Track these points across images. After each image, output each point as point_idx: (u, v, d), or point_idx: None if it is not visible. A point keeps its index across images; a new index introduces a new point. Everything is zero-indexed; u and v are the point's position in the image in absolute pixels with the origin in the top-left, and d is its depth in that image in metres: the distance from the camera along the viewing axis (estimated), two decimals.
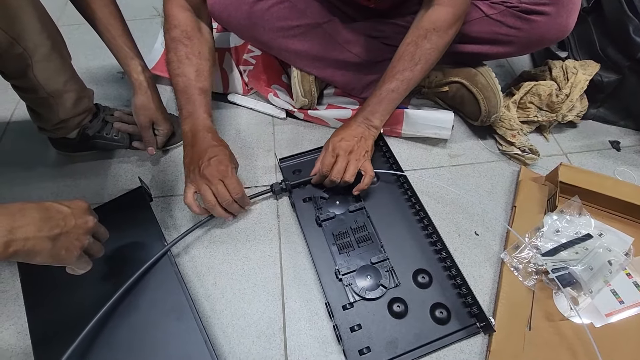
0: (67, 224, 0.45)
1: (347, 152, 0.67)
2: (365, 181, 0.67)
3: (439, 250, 0.65)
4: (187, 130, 0.66)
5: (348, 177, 0.66)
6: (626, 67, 0.79)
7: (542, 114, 0.81)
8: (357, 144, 0.67)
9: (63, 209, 0.45)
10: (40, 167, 0.80)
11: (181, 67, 0.67)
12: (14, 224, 0.39)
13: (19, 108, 0.91)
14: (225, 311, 0.62)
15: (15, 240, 0.39)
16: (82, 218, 0.47)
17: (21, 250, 0.40)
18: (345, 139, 0.68)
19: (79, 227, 0.46)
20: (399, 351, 0.56)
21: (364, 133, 0.69)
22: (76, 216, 0.46)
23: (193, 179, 0.62)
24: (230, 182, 0.62)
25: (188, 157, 0.64)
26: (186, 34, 0.68)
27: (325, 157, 0.68)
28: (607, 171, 0.80)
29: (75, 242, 0.46)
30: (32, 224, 0.41)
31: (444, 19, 0.63)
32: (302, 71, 0.80)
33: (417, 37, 0.65)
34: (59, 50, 0.62)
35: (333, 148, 0.67)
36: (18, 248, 0.39)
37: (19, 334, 0.60)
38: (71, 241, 0.45)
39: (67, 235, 0.45)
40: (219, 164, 0.62)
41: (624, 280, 0.63)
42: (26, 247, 0.40)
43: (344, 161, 0.66)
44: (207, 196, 0.61)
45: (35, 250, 0.41)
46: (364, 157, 0.67)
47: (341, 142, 0.67)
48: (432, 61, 0.66)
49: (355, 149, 0.67)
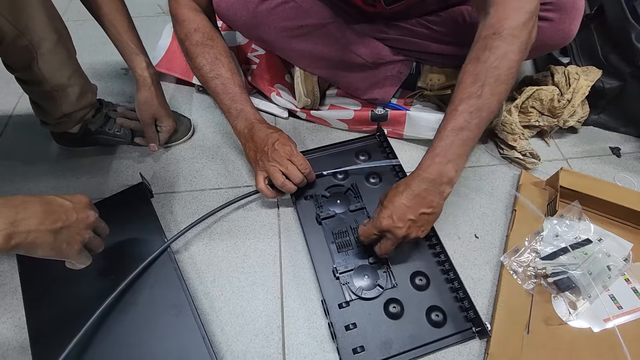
0: (69, 218, 0.45)
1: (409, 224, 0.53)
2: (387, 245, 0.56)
3: (437, 254, 0.65)
4: (243, 127, 0.68)
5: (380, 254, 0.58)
6: (628, 73, 0.79)
7: (543, 118, 0.82)
8: (421, 215, 0.53)
9: (65, 203, 0.46)
10: (42, 162, 0.80)
11: (215, 70, 0.68)
12: (17, 217, 0.40)
13: (21, 102, 0.91)
14: (224, 309, 0.62)
15: (17, 233, 0.39)
16: (84, 212, 0.47)
17: (23, 242, 0.40)
18: (410, 212, 0.53)
19: (80, 222, 0.46)
20: (393, 352, 0.56)
21: (432, 203, 0.53)
22: (78, 210, 0.46)
23: (262, 166, 0.65)
24: (297, 159, 0.65)
25: (252, 150, 0.67)
26: (208, 35, 0.68)
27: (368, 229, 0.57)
28: (607, 177, 0.81)
29: (76, 237, 0.46)
30: (35, 217, 0.41)
31: (506, 18, 0.50)
32: (305, 71, 0.80)
33: (478, 51, 0.51)
34: (65, 43, 0.62)
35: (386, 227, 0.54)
36: (20, 241, 0.40)
37: (16, 328, 0.60)
38: (72, 235, 0.45)
39: (69, 229, 0.45)
40: (284, 146, 0.65)
41: (622, 285, 0.63)
42: (28, 240, 0.40)
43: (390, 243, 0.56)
44: (278, 176, 0.64)
45: (37, 243, 0.41)
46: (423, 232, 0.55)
47: (397, 222, 0.53)
48: (503, 77, 0.50)
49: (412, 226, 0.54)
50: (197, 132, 0.86)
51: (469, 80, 0.52)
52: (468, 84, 0.52)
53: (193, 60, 0.69)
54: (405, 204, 0.53)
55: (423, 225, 0.55)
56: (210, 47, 0.68)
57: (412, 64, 0.84)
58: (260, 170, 0.66)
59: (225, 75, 0.68)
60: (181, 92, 0.94)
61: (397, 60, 0.82)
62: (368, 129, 0.84)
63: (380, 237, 0.57)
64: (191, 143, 0.85)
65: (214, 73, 0.68)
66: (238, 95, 0.68)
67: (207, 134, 0.86)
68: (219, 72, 0.68)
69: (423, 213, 0.53)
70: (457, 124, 0.52)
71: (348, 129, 0.86)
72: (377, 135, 0.82)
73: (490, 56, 0.50)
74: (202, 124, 0.88)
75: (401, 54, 0.82)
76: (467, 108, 0.51)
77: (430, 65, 0.84)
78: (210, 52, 0.68)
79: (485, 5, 0.52)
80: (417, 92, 0.86)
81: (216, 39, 0.69)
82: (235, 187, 0.77)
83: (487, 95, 0.51)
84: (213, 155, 0.82)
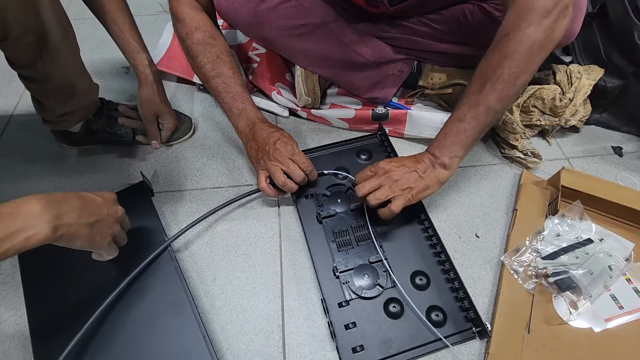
0: (101, 212, 0.49)
1: (388, 176, 0.60)
2: (383, 211, 0.60)
3: (438, 253, 0.64)
4: (244, 127, 0.68)
5: (370, 199, 0.59)
6: (630, 72, 0.79)
7: (545, 118, 0.81)
8: (405, 174, 0.60)
9: (97, 198, 0.50)
10: (44, 160, 0.80)
11: (217, 68, 0.68)
12: (60, 211, 0.43)
13: (22, 100, 0.92)
14: (224, 307, 0.62)
15: (61, 225, 0.43)
16: (113, 208, 0.52)
17: (66, 234, 0.44)
18: (394, 163, 0.61)
19: (110, 216, 0.51)
20: (392, 351, 0.56)
21: (424, 169, 0.60)
22: (108, 206, 0.51)
23: (264, 165, 0.65)
24: (299, 158, 0.66)
25: (253, 149, 0.67)
26: (209, 34, 0.68)
27: (364, 170, 0.63)
28: (609, 177, 0.80)
29: (107, 230, 0.50)
30: (74, 212, 0.45)
31: (518, 17, 0.51)
32: (306, 70, 0.80)
33: (490, 50, 0.54)
34: (70, 41, 0.62)
35: (377, 166, 0.62)
36: (64, 232, 0.43)
37: (17, 325, 0.60)
38: (104, 228, 0.50)
39: (102, 222, 0.49)
40: (285, 145, 0.65)
41: (624, 285, 0.63)
42: (70, 232, 0.44)
43: (376, 182, 0.60)
44: (279, 175, 0.64)
45: (77, 235, 0.45)
46: (402, 192, 0.59)
47: (389, 164, 0.61)
48: (505, 76, 0.52)
49: (399, 178, 0.60)
50: (198, 131, 0.86)
51: (475, 77, 0.56)
52: (473, 82, 0.56)
53: (194, 59, 0.69)
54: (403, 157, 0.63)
55: (415, 188, 0.59)
56: (212, 46, 0.68)
57: (414, 63, 0.84)
58: (261, 169, 0.66)
59: (226, 74, 0.68)
60: (182, 90, 0.94)
61: (399, 59, 0.82)
62: (369, 128, 0.84)
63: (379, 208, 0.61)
64: (192, 142, 0.85)
65: (215, 72, 0.68)
66: (239, 94, 0.68)
67: (208, 132, 0.86)
68: (220, 71, 0.68)
69: (416, 172, 0.59)
70: (456, 116, 0.58)
71: (349, 128, 0.86)
72: (378, 135, 0.82)
73: (497, 55, 0.53)
74: (203, 123, 0.88)
75: (402, 52, 0.82)
76: (467, 102, 0.57)
77: (432, 64, 0.83)
78: (211, 50, 0.68)
79: (505, 5, 0.54)
80: (418, 91, 0.85)
81: (217, 38, 0.69)
82: (236, 186, 0.77)
83: (487, 92, 0.54)
84: (214, 154, 0.82)
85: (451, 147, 0.58)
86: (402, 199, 0.59)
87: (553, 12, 0.50)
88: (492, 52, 0.54)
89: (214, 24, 0.71)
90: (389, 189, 0.60)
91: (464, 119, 0.57)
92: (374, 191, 0.60)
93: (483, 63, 0.55)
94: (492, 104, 0.55)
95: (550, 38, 0.51)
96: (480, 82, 0.54)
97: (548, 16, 0.50)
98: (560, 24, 0.51)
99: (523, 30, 0.50)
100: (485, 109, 0.55)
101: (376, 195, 0.60)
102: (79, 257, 0.51)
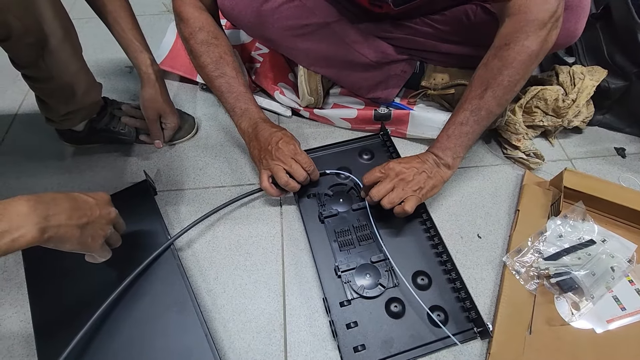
0: (93, 213, 0.48)
1: (401, 178, 0.62)
2: (396, 210, 0.61)
3: (440, 253, 0.64)
4: (247, 127, 0.68)
5: (385, 203, 0.61)
6: (634, 73, 0.78)
7: (547, 118, 0.81)
8: (415, 175, 0.62)
9: (89, 199, 0.49)
10: (47, 159, 0.81)
11: (220, 68, 0.68)
12: (49, 212, 0.42)
13: (27, 100, 0.92)
14: (226, 306, 0.62)
15: (50, 227, 0.42)
16: (106, 209, 0.51)
17: (54, 236, 0.42)
18: (404, 164, 0.63)
19: (102, 217, 0.49)
20: (393, 351, 0.56)
21: (430, 170, 0.63)
22: (100, 207, 0.50)
23: (266, 165, 0.66)
24: (301, 157, 0.66)
25: (255, 149, 0.67)
26: (213, 34, 0.69)
27: (373, 171, 0.64)
28: (611, 178, 0.80)
29: (99, 231, 0.49)
30: (64, 213, 0.44)
31: (516, 29, 0.55)
32: (308, 70, 0.80)
33: (489, 58, 0.58)
34: (71, 40, 0.63)
35: (387, 168, 0.63)
36: (52, 234, 0.42)
37: (21, 322, 0.60)
38: (96, 230, 0.48)
39: (93, 224, 0.48)
40: (288, 145, 0.65)
41: (626, 287, 0.63)
42: (59, 234, 0.43)
43: (389, 185, 0.61)
44: (281, 175, 0.64)
45: (67, 237, 0.44)
46: (413, 192, 0.61)
47: (399, 165, 0.62)
48: (505, 83, 0.57)
49: (411, 180, 0.61)
50: (200, 130, 0.87)
51: (476, 83, 0.60)
52: (474, 87, 0.60)
53: (197, 58, 0.69)
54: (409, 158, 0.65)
55: (425, 187, 0.62)
56: (215, 46, 0.68)
57: (416, 63, 0.84)
58: (264, 169, 0.66)
59: (229, 74, 0.68)
60: (185, 90, 0.94)
61: (401, 60, 0.82)
62: (371, 128, 0.84)
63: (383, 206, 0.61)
64: (195, 141, 0.85)
65: (218, 72, 0.68)
66: (242, 94, 0.68)
67: (210, 132, 0.86)
68: (223, 71, 0.68)
69: (425, 172, 0.62)
70: (458, 120, 0.61)
71: (351, 128, 0.86)
72: (380, 135, 0.82)
73: (497, 63, 0.57)
74: (206, 122, 0.88)
75: (405, 53, 0.82)
76: (469, 107, 0.61)
77: (434, 65, 0.83)
78: (214, 50, 0.68)
79: (502, 14, 0.57)
80: (420, 92, 0.85)
81: (220, 38, 0.70)
82: (239, 185, 0.77)
83: (488, 97, 0.59)
84: (217, 153, 0.83)
85: (454, 149, 0.63)
86: (414, 199, 0.61)
87: (548, 24, 0.54)
88: (492, 60, 0.58)
89: (217, 24, 0.72)
90: (402, 191, 0.61)
91: (466, 123, 0.61)
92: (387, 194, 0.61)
93: (483, 70, 0.59)
94: (492, 109, 0.60)
95: (544, 48, 0.56)
96: (482, 88, 0.59)
97: (544, 28, 0.54)
98: (552, 34, 0.56)
99: (522, 41, 0.55)
100: (487, 113, 0.60)
101: (391, 198, 0.61)
102: (82, 254, 0.51)
